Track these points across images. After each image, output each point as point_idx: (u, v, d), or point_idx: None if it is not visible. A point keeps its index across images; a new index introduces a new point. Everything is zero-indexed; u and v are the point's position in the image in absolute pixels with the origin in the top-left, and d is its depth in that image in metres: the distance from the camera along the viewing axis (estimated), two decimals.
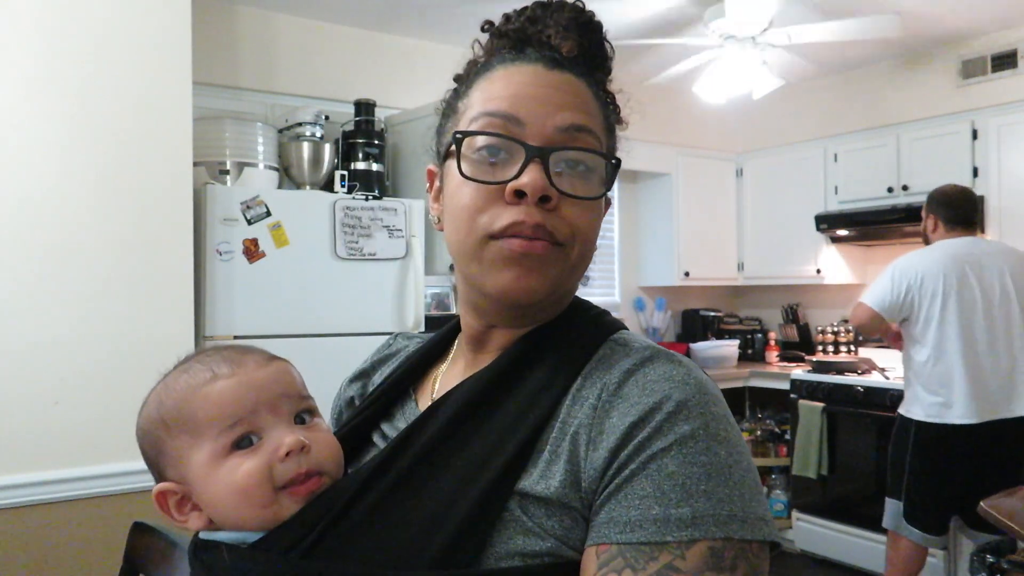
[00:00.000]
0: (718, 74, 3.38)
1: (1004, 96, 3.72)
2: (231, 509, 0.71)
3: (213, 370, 0.75)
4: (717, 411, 0.67)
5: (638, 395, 0.66)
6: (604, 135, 0.76)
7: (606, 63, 0.82)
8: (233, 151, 2.96)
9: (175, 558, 1.20)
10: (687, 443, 0.64)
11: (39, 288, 2.12)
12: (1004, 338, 2.92)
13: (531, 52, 0.77)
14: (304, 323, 2.81)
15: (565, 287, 0.76)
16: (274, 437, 0.72)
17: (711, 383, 0.70)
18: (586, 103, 0.75)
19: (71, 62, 2.17)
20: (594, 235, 0.75)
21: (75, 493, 2.15)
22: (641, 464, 0.63)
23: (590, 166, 0.73)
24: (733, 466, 0.64)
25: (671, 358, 0.70)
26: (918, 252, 3.05)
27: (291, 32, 3.47)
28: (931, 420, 2.92)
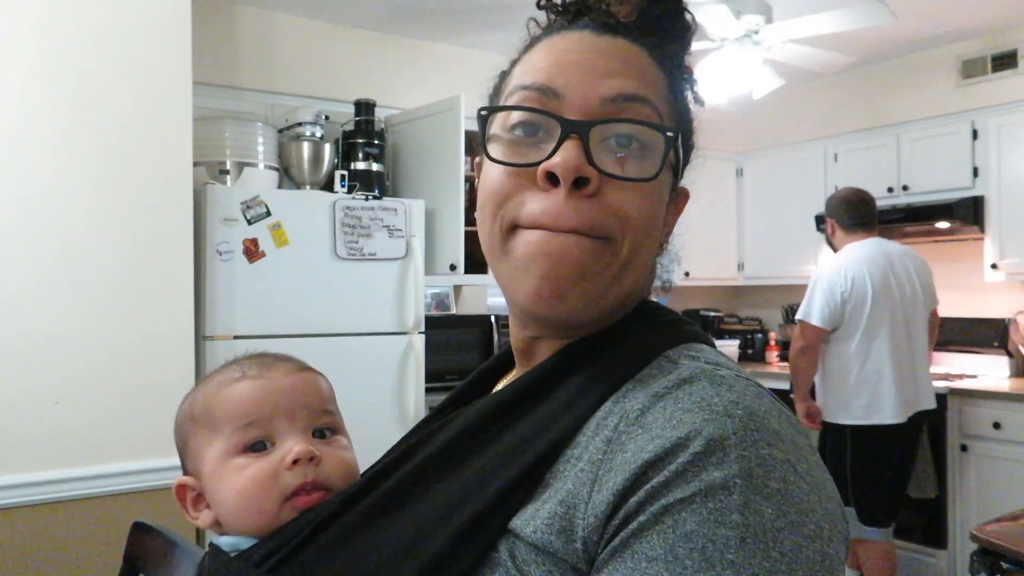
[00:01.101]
0: (718, 74, 3.38)
1: (1004, 96, 3.72)
2: (232, 511, 0.71)
3: (243, 371, 0.75)
4: (771, 454, 0.50)
5: (661, 426, 0.52)
6: (668, 110, 0.63)
7: (683, 35, 0.68)
8: (233, 151, 2.96)
9: (175, 558, 1.20)
10: (716, 495, 0.48)
11: (39, 288, 2.12)
12: (917, 336, 3.07)
13: (583, 21, 0.65)
14: (304, 323, 2.81)
15: (614, 293, 0.62)
16: (286, 445, 0.71)
17: (777, 415, 0.54)
18: (643, 71, 0.62)
19: (71, 62, 2.17)
20: (652, 226, 0.61)
21: (75, 493, 2.14)
22: (653, 516, 0.49)
23: (645, 142, 0.60)
24: (783, 531, 0.48)
25: (718, 380, 0.55)
26: (839, 258, 3.09)
27: (291, 32, 3.47)
28: (864, 423, 2.97)
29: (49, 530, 2.11)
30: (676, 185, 0.67)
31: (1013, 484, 3.30)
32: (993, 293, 3.94)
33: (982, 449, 3.41)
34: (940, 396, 3.54)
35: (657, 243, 0.64)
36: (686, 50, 0.69)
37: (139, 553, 1.29)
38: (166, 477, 2.27)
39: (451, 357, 3.45)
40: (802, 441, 0.54)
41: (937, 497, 3.50)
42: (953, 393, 3.53)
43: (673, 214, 0.68)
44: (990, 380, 3.72)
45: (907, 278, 3.07)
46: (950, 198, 3.77)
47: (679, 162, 0.65)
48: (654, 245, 0.63)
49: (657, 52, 0.65)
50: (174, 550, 1.21)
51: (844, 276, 3.00)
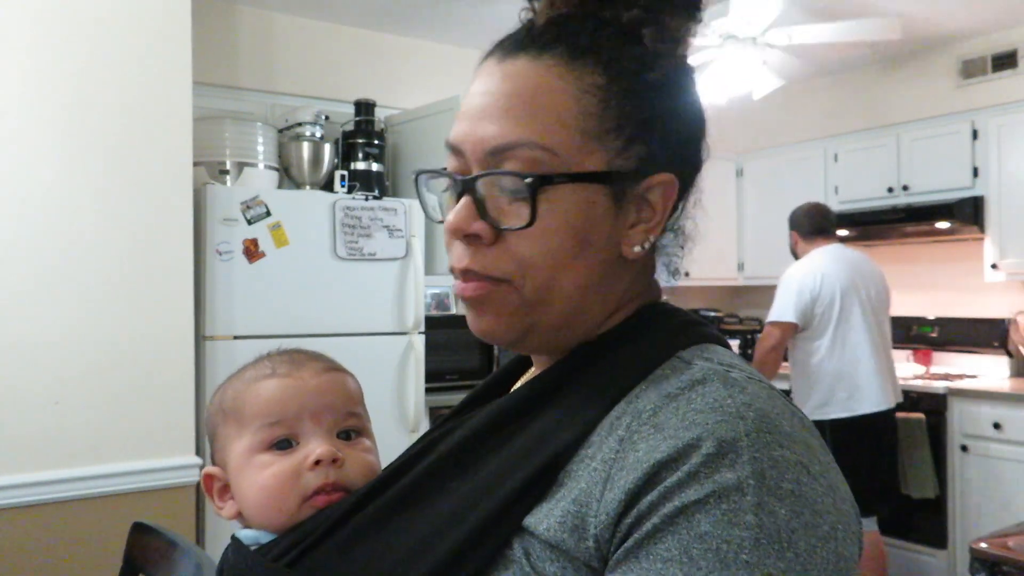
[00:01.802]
0: (718, 74, 3.38)
1: (1004, 96, 3.72)
2: (254, 506, 0.72)
3: (274, 368, 0.76)
4: (784, 456, 0.51)
5: (675, 426, 0.53)
6: (570, 139, 0.60)
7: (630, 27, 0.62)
8: (233, 151, 2.96)
9: (175, 558, 1.20)
10: (729, 496, 0.49)
11: (39, 288, 2.12)
12: (886, 332, 3.22)
13: (497, 43, 0.64)
14: (304, 323, 2.81)
15: (543, 321, 0.63)
16: (309, 445, 0.72)
17: (789, 417, 0.54)
18: (532, 100, 0.60)
19: (71, 62, 2.17)
20: (556, 261, 0.60)
21: (75, 493, 2.14)
22: (667, 517, 0.49)
23: (517, 189, 0.60)
24: (798, 532, 0.49)
25: (731, 382, 0.55)
26: (805, 261, 3.24)
27: (291, 32, 3.47)
28: (847, 415, 3.07)
29: (49, 530, 2.11)
30: (632, 183, 0.62)
31: (1013, 484, 3.30)
32: (993, 293, 3.94)
33: (982, 449, 3.41)
34: (940, 396, 3.54)
35: (587, 264, 0.62)
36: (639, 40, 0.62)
37: (139, 553, 1.29)
38: (166, 477, 2.27)
39: (451, 357, 3.45)
40: (815, 443, 0.55)
41: (937, 497, 3.50)
42: (953, 393, 3.53)
43: (659, 202, 0.64)
44: (990, 380, 3.72)
45: (871, 279, 3.22)
46: (950, 198, 3.77)
47: (610, 172, 0.61)
48: (577, 271, 0.61)
49: (578, 57, 0.61)
50: (174, 550, 1.21)
51: (812, 276, 3.14)
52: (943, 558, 3.50)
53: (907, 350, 4.21)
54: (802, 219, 3.35)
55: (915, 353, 4.15)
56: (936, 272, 4.25)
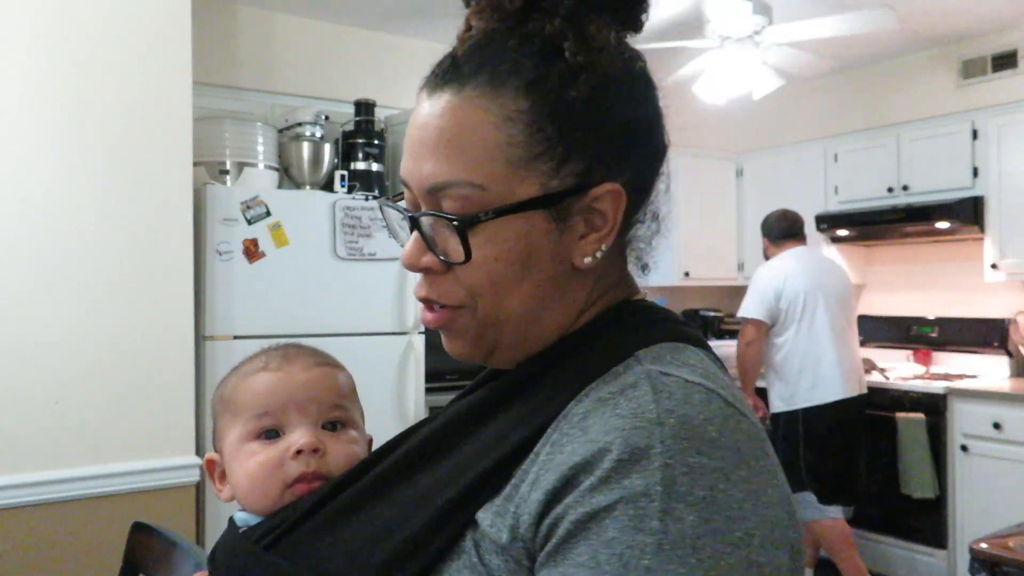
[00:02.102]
0: (718, 74, 3.38)
1: (1004, 96, 3.72)
2: (242, 491, 0.77)
3: (267, 363, 0.82)
4: (700, 463, 0.51)
5: (597, 431, 0.54)
6: (498, 171, 0.60)
7: (552, 41, 0.61)
8: (233, 151, 2.96)
9: (175, 558, 1.20)
10: (637, 502, 0.50)
11: (39, 288, 2.12)
12: (851, 325, 3.46)
13: (426, 77, 0.66)
14: (304, 323, 2.81)
15: (503, 340, 0.65)
16: (293, 435, 0.77)
17: (720, 423, 0.54)
18: (456, 137, 0.61)
19: (71, 62, 2.17)
20: (501, 285, 0.62)
21: (75, 493, 2.15)
22: (579, 522, 0.51)
23: (451, 228, 0.62)
24: (704, 538, 0.49)
25: (660, 388, 0.56)
26: (772, 262, 3.51)
27: (291, 32, 3.47)
28: (811, 404, 3.29)
29: (49, 530, 2.11)
30: (574, 199, 0.62)
31: (1013, 484, 3.30)
32: (993, 293, 3.94)
33: (982, 449, 3.41)
34: (940, 396, 3.54)
35: (535, 283, 0.63)
36: (563, 57, 0.61)
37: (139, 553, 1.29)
38: (166, 477, 2.27)
39: (451, 357, 3.44)
40: (750, 448, 0.54)
41: (937, 497, 3.50)
42: (953, 393, 3.53)
43: (609, 210, 0.63)
44: (990, 380, 3.72)
45: (834, 278, 3.47)
46: (950, 198, 3.77)
47: (545, 195, 0.61)
48: (524, 292, 0.63)
49: (502, 81, 0.61)
50: (174, 550, 1.21)
51: (777, 275, 3.40)
52: (943, 558, 3.49)
53: (907, 350, 4.21)
54: (772, 225, 3.60)
55: (915, 353, 4.15)
56: (936, 272, 4.25)
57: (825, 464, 3.28)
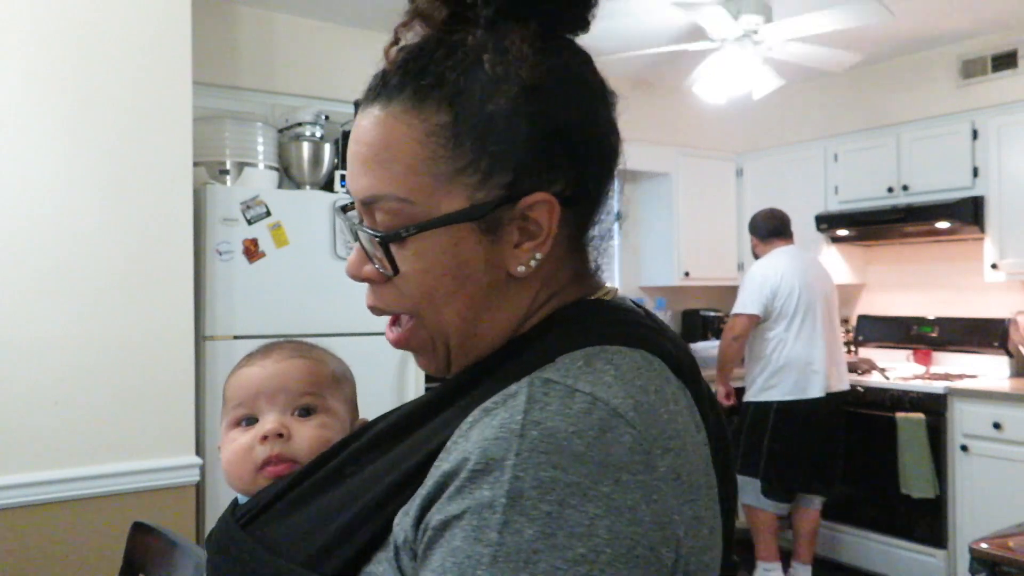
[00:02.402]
0: (718, 74, 3.38)
1: (1004, 96, 3.72)
2: (225, 474, 0.85)
3: (252, 357, 0.89)
4: (554, 477, 0.51)
5: (473, 439, 0.55)
6: (423, 185, 0.61)
7: (474, 53, 0.61)
8: (233, 151, 2.96)
9: (175, 558, 1.20)
10: (481, 513, 0.51)
11: (39, 288, 2.12)
12: (836, 325, 3.57)
13: (369, 84, 0.67)
14: (304, 323, 2.81)
15: (451, 348, 0.67)
16: (264, 422, 0.84)
17: (594, 437, 0.53)
18: (383, 153, 0.62)
19: (71, 62, 2.17)
20: (434, 298, 0.64)
21: (75, 493, 2.15)
22: (436, 529, 0.53)
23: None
24: (542, 552, 0.49)
25: (535, 399, 0.55)
26: (766, 259, 3.60)
27: (291, 32, 3.47)
28: (792, 398, 3.42)
29: (49, 530, 2.11)
30: (504, 209, 0.62)
31: (1013, 484, 3.30)
32: (993, 293, 3.94)
33: (982, 449, 3.41)
34: (940, 396, 3.54)
35: (469, 294, 0.63)
36: (484, 67, 0.61)
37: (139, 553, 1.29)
38: (166, 477, 2.27)
39: None
40: (626, 462, 0.53)
41: (937, 497, 3.50)
42: (953, 393, 3.53)
43: (543, 219, 0.63)
44: (990, 380, 3.72)
45: (823, 278, 3.59)
46: (950, 198, 3.77)
47: (471, 208, 0.61)
48: (458, 303, 0.64)
49: (425, 95, 0.61)
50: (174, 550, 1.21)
51: (772, 271, 3.50)
52: (943, 558, 3.49)
53: (907, 350, 4.21)
54: (759, 223, 3.69)
55: (915, 353, 4.15)
56: (936, 272, 4.25)
57: (789, 457, 3.43)
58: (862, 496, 3.81)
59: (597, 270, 0.71)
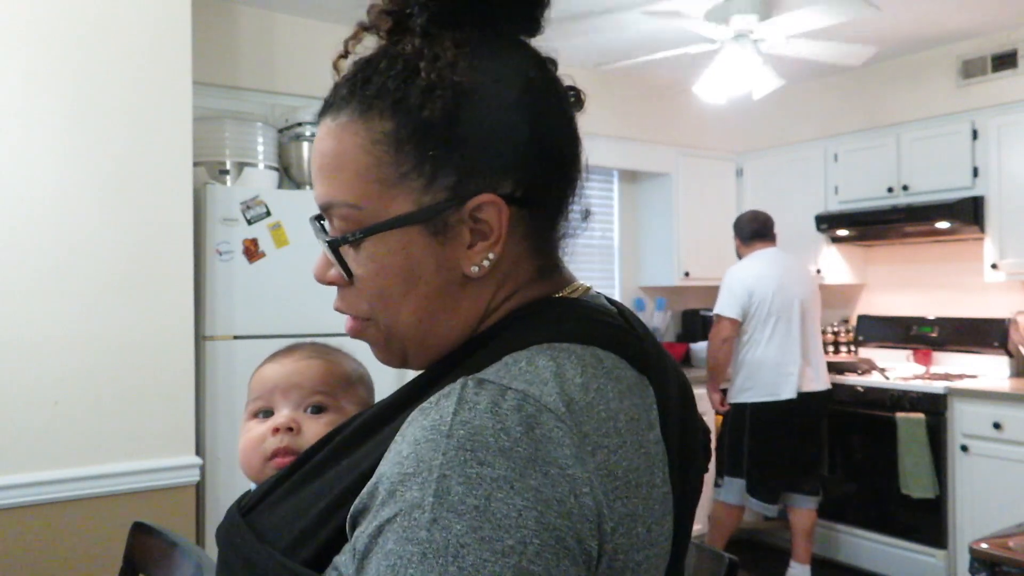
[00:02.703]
0: (718, 74, 3.38)
1: (1004, 96, 3.72)
2: (239, 462, 0.90)
3: (275, 355, 0.95)
4: (480, 473, 0.52)
5: (407, 441, 0.56)
6: (370, 190, 0.64)
7: (412, 60, 0.63)
8: (233, 151, 2.96)
9: (175, 558, 1.20)
10: (411, 514, 0.52)
11: (39, 288, 2.12)
12: (815, 325, 3.62)
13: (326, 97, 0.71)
14: (304, 323, 2.81)
15: (408, 347, 0.69)
16: (277, 416, 0.90)
17: (521, 434, 0.54)
18: (334, 161, 0.65)
19: (71, 62, 2.17)
20: (388, 301, 0.66)
21: (75, 493, 2.15)
22: (371, 536, 0.54)
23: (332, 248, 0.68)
24: (469, 546, 0.50)
25: (464, 399, 0.56)
26: (744, 262, 3.66)
27: (291, 32, 3.47)
28: (770, 399, 3.48)
29: (49, 530, 2.11)
30: (451, 211, 0.63)
31: (1013, 484, 3.30)
32: (993, 293, 3.94)
33: (982, 449, 3.41)
34: (940, 396, 3.54)
35: (423, 295, 0.65)
36: (420, 75, 0.63)
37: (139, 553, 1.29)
38: (166, 477, 2.27)
39: None
40: (556, 455, 0.54)
41: (937, 497, 3.50)
42: (953, 393, 3.53)
43: (494, 219, 0.64)
44: (990, 380, 3.72)
45: (802, 280, 3.63)
46: (950, 198, 3.77)
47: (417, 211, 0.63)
48: (412, 304, 0.66)
49: (369, 105, 0.64)
50: (174, 550, 1.21)
51: (749, 274, 3.56)
52: (943, 558, 3.49)
53: (907, 350, 4.21)
54: (743, 225, 3.74)
55: (915, 353, 4.15)
56: (936, 272, 4.25)
57: (768, 457, 3.51)
58: (862, 496, 3.81)
59: (563, 268, 0.72)
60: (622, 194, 4.84)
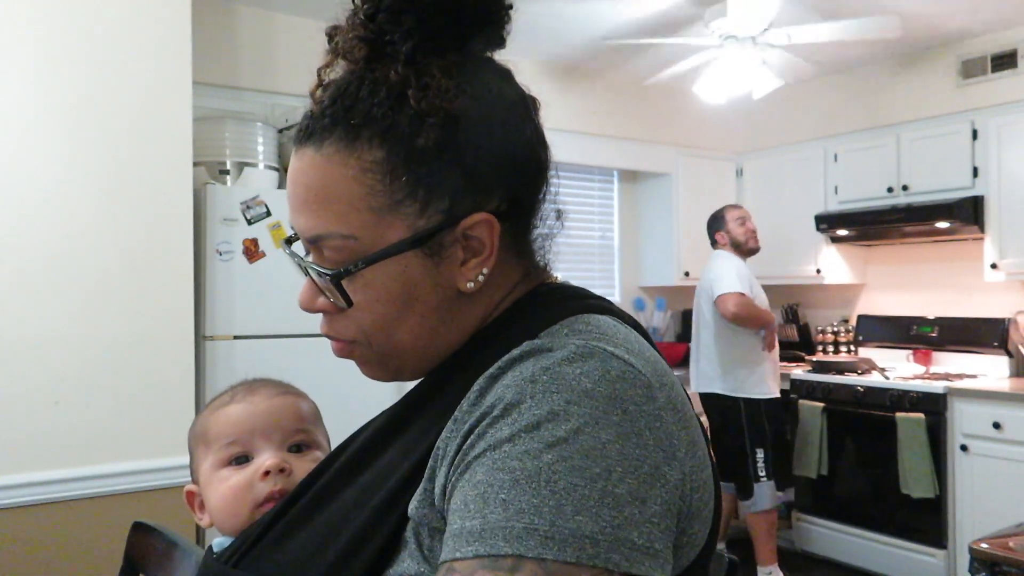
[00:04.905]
0: (718, 74, 3.38)
1: (1004, 96, 3.72)
2: (217, 514, 0.84)
3: (233, 396, 0.89)
4: (567, 409, 0.55)
5: (488, 400, 0.59)
6: (365, 220, 0.64)
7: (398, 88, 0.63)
8: (233, 151, 2.96)
9: (175, 558, 1.20)
10: (501, 447, 0.55)
11: (39, 288, 2.12)
12: (699, 328, 3.83)
13: (300, 124, 0.69)
14: (304, 323, 2.80)
15: (404, 364, 0.70)
16: (261, 458, 0.84)
17: (598, 378, 0.57)
18: (322, 194, 0.65)
19: (71, 63, 2.17)
20: (385, 324, 0.67)
21: (75, 493, 2.15)
22: (459, 475, 0.57)
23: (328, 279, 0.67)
24: (560, 473, 0.53)
25: (539, 353, 0.60)
26: (728, 259, 3.74)
27: (291, 32, 3.47)
28: (772, 396, 3.60)
29: (49, 530, 2.11)
30: (445, 233, 0.65)
31: (1013, 484, 3.30)
32: (993, 293, 3.94)
33: (982, 449, 3.41)
34: (940, 396, 3.54)
35: (421, 314, 0.67)
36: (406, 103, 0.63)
37: (139, 553, 1.29)
38: (166, 477, 2.27)
39: None
40: (631, 395, 0.58)
41: (937, 497, 3.50)
42: (953, 393, 3.53)
43: (485, 236, 0.66)
44: (990, 380, 3.72)
45: (704, 279, 3.81)
46: (950, 198, 3.77)
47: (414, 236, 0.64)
48: (410, 324, 0.67)
49: (357, 133, 0.64)
50: (174, 550, 1.21)
51: (744, 269, 3.69)
52: (943, 558, 3.49)
53: (907, 350, 4.21)
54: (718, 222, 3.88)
55: (915, 353, 4.15)
56: (936, 272, 4.25)
57: (776, 453, 3.66)
58: (862, 496, 3.81)
59: (545, 267, 0.75)
60: (622, 194, 4.84)
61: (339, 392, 1.83)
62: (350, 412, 1.35)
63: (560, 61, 4.09)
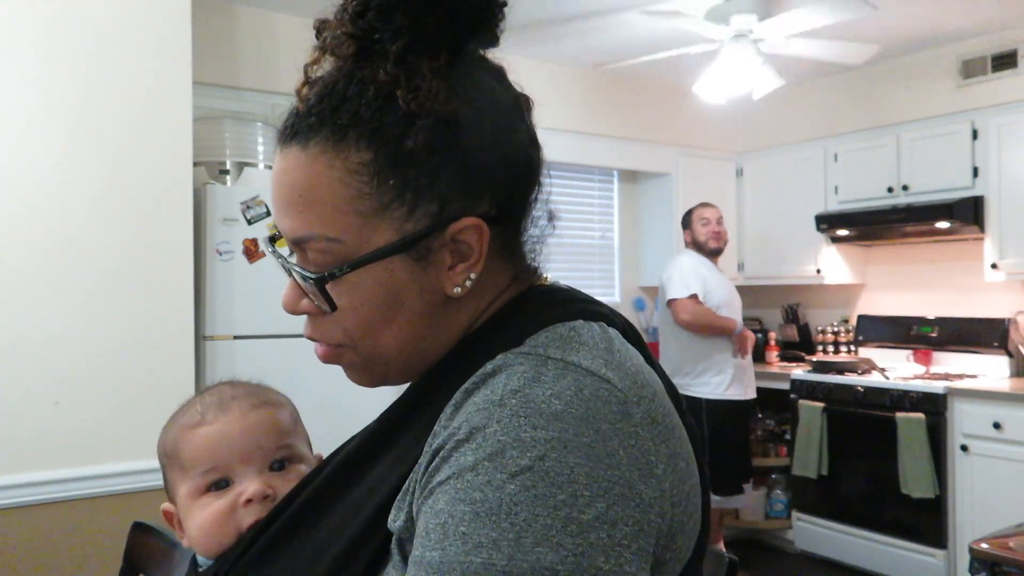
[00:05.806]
0: (718, 74, 3.38)
1: (1004, 96, 3.72)
2: (197, 541, 0.81)
3: (203, 414, 0.84)
4: (533, 436, 0.54)
5: (459, 418, 0.58)
6: (350, 223, 0.62)
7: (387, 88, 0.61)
8: (233, 151, 2.96)
9: (175, 558, 1.20)
10: (464, 476, 0.54)
11: (39, 288, 2.12)
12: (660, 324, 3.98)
13: (284, 122, 0.68)
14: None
15: (390, 369, 0.69)
16: (242, 484, 0.81)
17: (570, 398, 0.56)
18: (307, 195, 0.63)
19: (71, 62, 2.17)
20: (371, 329, 0.65)
21: (75, 493, 2.14)
22: (424, 499, 0.56)
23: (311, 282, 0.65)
24: (522, 504, 0.51)
25: (513, 370, 0.59)
26: (682, 258, 3.86)
27: (291, 32, 3.47)
28: (730, 398, 3.68)
29: (49, 530, 2.11)
30: (433, 237, 0.63)
31: (1013, 484, 3.30)
32: (993, 293, 3.94)
33: (982, 449, 3.41)
34: (940, 396, 3.53)
35: (407, 319, 0.65)
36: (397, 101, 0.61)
37: (139, 553, 1.29)
38: None
39: None
40: (605, 413, 0.56)
41: (937, 497, 3.50)
42: (953, 393, 3.53)
43: (474, 241, 0.64)
44: (990, 380, 3.72)
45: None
46: (950, 198, 3.77)
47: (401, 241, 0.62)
48: (396, 329, 0.65)
49: (344, 133, 0.62)
50: (174, 550, 1.21)
51: (699, 272, 3.77)
52: (943, 558, 3.49)
53: (907, 350, 4.21)
54: None
55: (915, 353, 4.15)
56: (936, 272, 4.25)
57: None
58: (862, 496, 3.81)
59: (536, 269, 0.73)
60: (622, 194, 4.84)
61: (338, 392, 1.82)
62: (349, 412, 1.35)
63: (560, 61, 4.09)
